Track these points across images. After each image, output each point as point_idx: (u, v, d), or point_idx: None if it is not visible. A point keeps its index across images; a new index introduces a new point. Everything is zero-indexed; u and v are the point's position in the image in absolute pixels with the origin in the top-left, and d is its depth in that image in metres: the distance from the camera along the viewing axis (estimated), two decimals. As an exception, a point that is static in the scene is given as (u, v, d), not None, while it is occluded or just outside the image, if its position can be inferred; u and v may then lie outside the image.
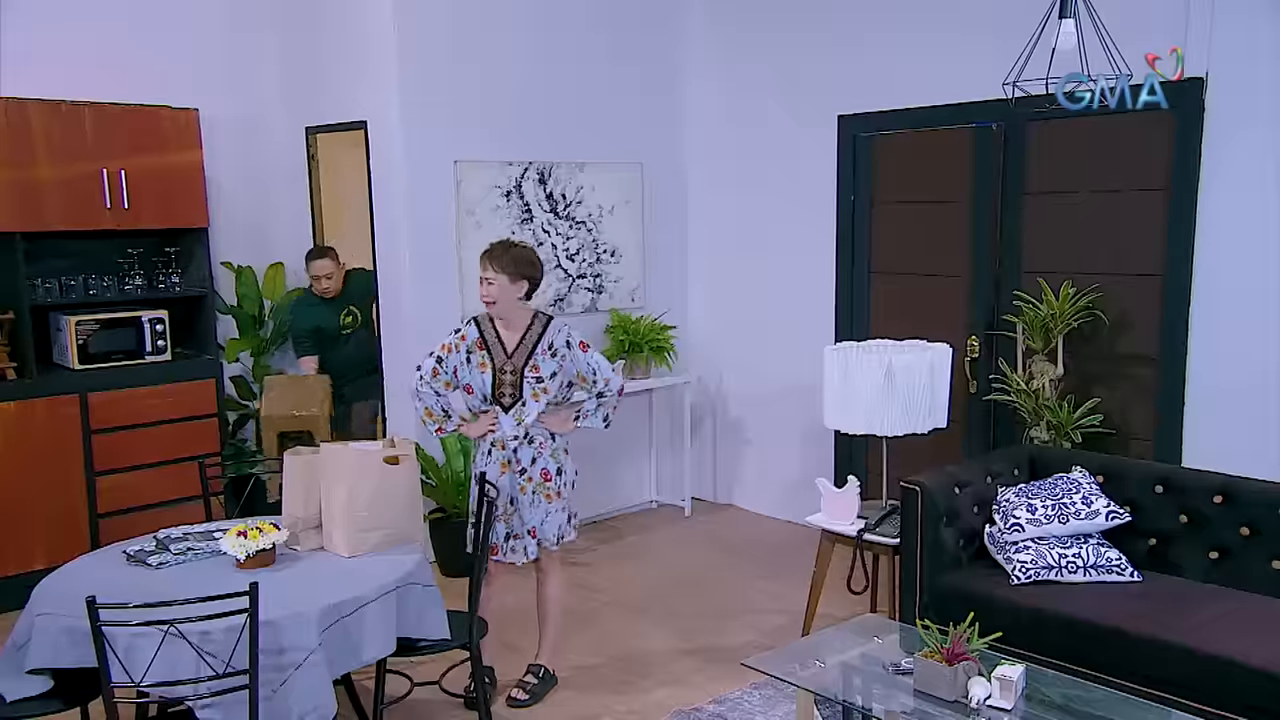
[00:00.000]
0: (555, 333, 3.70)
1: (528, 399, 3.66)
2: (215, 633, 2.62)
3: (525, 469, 3.71)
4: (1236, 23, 4.03)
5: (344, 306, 5.46)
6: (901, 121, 5.24)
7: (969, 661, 2.74)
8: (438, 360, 3.71)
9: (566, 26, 5.64)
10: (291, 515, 3.27)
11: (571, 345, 3.72)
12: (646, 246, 6.16)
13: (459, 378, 3.71)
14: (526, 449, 3.71)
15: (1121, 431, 4.58)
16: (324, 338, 5.43)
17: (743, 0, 5.92)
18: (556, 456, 3.77)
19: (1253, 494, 3.58)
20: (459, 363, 3.70)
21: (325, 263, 5.37)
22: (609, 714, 3.80)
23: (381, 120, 5.17)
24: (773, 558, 5.41)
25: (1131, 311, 4.52)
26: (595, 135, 5.82)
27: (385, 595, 2.98)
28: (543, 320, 3.72)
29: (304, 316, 5.46)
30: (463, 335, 3.72)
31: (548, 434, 3.74)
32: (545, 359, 3.67)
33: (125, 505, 4.95)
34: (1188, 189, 4.28)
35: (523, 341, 3.67)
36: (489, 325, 3.71)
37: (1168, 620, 3.27)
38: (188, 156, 5.12)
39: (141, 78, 5.22)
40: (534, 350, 3.67)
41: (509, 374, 3.66)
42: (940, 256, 5.18)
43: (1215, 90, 4.13)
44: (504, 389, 3.67)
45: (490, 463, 3.73)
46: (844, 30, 5.43)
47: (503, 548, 3.76)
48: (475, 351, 3.68)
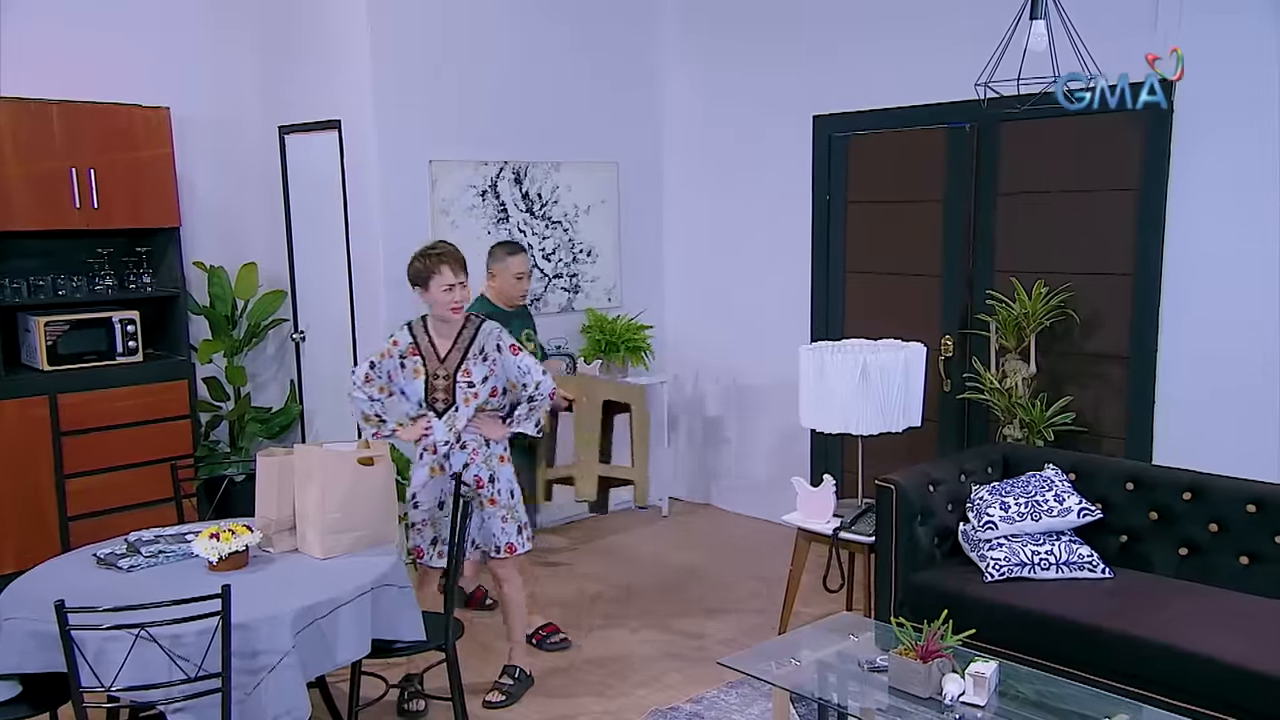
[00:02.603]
0: (486, 336, 3.67)
1: (459, 403, 3.63)
2: (187, 636, 2.59)
3: (458, 474, 3.67)
4: (1204, 24, 4.08)
5: (522, 328, 4.47)
6: (876, 122, 5.27)
7: (943, 658, 2.76)
8: (371, 365, 3.68)
9: (542, 26, 5.63)
10: (265, 517, 3.25)
11: (502, 349, 3.68)
12: (623, 246, 6.16)
13: (394, 383, 3.68)
14: (459, 454, 3.68)
15: (1093, 429, 4.62)
16: None
17: (717, 1, 5.93)
18: (490, 463, 3.73)
19: (1221, 491, 3.62)
20: (393, 368, 3.66)
21: (528, 258, 4.47)
22: (586, 714, 3.79)
23: (355, 119, 5.15)
24: (749, 557, 5.42)
25: (1102, 310, 4.57)
26: (571, 135, 5.82)
27: (360, 597, 2.96)
28: (474, 324, 3.68)
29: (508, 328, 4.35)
30: (395, 341, 3.68)
31: (481, 440, 3.71)
32: (476, 363, 3.64)
33: (96, 508, 4.90)
34: (1157, 189, 4.33)
35: (455, 346, 3.64)
36: (422, 331, 3.67)
37: (1140, 617, 3.30)
38: (159, 155, 5.07)
39: (112, 76, 5.16)
40: (466, 355, 3.64)
41: (442, 379, 3.62)
42: (915, 256, 5.21)
43: (1184, 91, 4.18)
44: (437, 394, 3.64)
45: (419, 467, 3.69)
46: (819, 31, 5.45)
47: (428, 552, 3.73)
48: (409, 357, 3.65)
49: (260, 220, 5.82)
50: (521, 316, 4.49)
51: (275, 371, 6.03)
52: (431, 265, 3.56)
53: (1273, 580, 3.47)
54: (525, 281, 4.39)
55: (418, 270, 3.59)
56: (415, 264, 3.61)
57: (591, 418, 4.26)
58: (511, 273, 4.35)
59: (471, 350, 3.65)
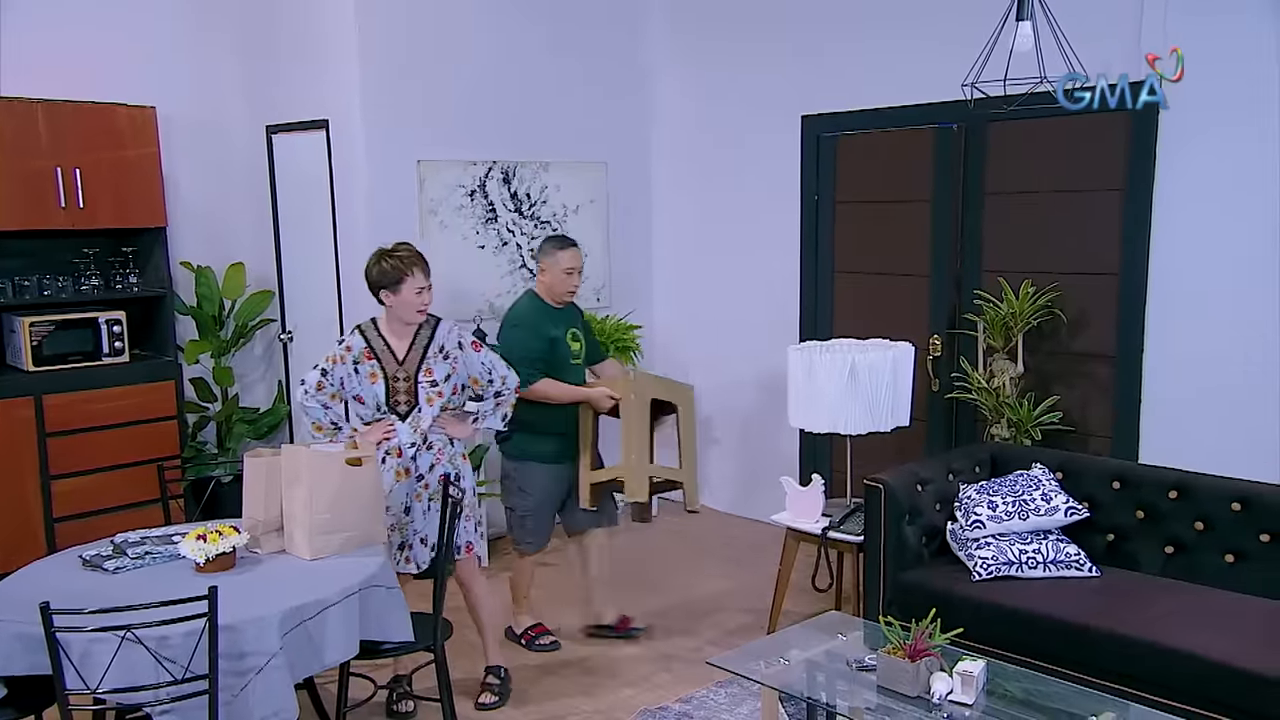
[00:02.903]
0: (445, 334, 3.65)
1: (422, 404, 3.60)
2: (174, 637, 2.58)
3: (423, 475, 3.65)
4: (1190, 25, 4.10)
5: (569, 325, 4.22)
6: (864, 122, 5.28)
7: (931, 657, 2.77)
8: (322, 373, 3.59)
9: (530, 26, 5.62)
10: (252, 518, 3.24)
11: (463, 345, 3.67)
12: (612, 246, 6.16)
13: (346, 389, 3.59)
14: (425, 455, 3.65)
15: (1080, 429, 4.64)
16: (554, 364, 4.10)
17: (705, 1, 5.93)
18: (455, 462, 3.72)
19: (1206, 489, 3.65)
20: (346, 374, 3.58)
21: (579, 254, 4.20)
22: (575, 714, 3.79)
23: (343, 119, 5.13)
24: (738, 556, 5.43)
25: (1089, 310, 4.59)
26: (559, 135, 5.81)
27: (348, 598, 2.95)
28: (431, 323, 3.65)
29: (537, 326, 4.09)
30: (348, 346, 3.59)
31: (446, 439, 3.69)
32: (438, 362, 3.62)
33: (82, 509, 4.87)
34: (1143, 189, 4.35)
35: (413, 346, 3.61)
36: (375, 334, 3.61)
37: (1126, 615, 3.32)
38: (144, 155, 5.05)
39: (97, 75, 5.13)
40: (425, 354, 3.61)
41: (402, 381, 3.58)
42: (903, 256, 5.23)
43: (1169, 93, 4.19)
44: (398, 397, 3.59)
45: (385, 471, 3.61)
46: (807, 31, 5.46)
47: (396, 558, 3.65)
48: (364, 361, 3.58)
49: (247, 220, 5.79)
50: (569, 314, 4.24)
51: (263, 372, 6.00)
52: (404, 267, 3.52)
53: (1258, 578, 3.49)
54: (575, 278, 4.13)
55: (387, 272, 3.53)
56: (383, 265, 3.54)
57: (640, 417, 4.03)
58: (561, 268, 4.09)
59: (431, 349, 3.62)
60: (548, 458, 4.13)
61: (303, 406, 3.63)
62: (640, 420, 4.04)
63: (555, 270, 4.12)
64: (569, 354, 4.15)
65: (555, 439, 4.12)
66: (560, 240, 4.19)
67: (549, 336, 4.07)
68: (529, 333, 4.06)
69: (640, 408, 4.04)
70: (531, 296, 4.21)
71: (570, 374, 4.15)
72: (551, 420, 4.09)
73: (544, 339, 4.06)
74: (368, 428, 3.61)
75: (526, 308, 4.15)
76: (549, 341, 4.07)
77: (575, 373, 4.19)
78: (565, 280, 4.11)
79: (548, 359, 4.06)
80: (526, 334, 4.06)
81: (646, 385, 4.13)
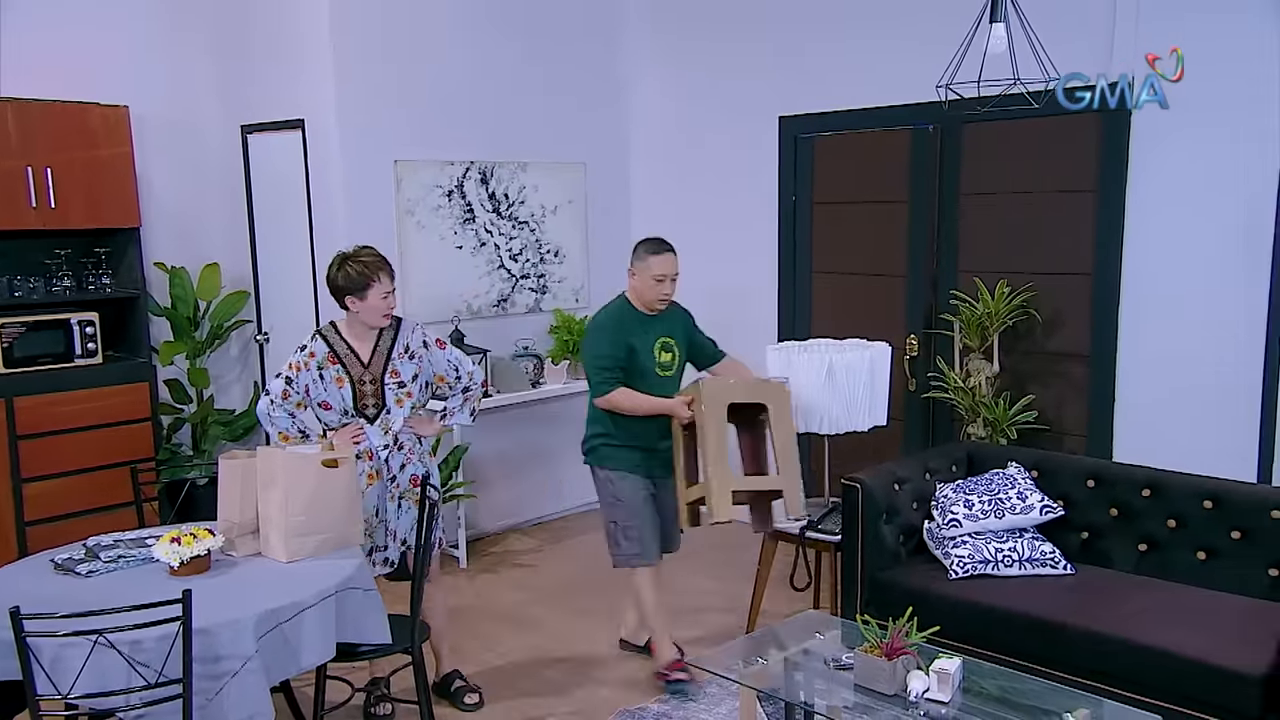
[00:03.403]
0: (409, 334, 3.62)
1: (391, 406, 3.58)
2: (147, 642, 2.55)
3: (395, 476, 3.63)
4: (1161, 27, 4.15)
5: (659, 334, 3.93)
6: (841, 123, 5.30)
7: (908, 655, 2.78)
8: (287, 381, 3.54)
9: (507, 26, 5.61)
10: (227, 520, 3.21)
11: (428, 344, 3.66)
12: (590, 247, 6.15)
13: (311, 395, 3.54)
14: (396, 456, 3.63)
15: (1055, 427, 4.68)
16: (630, 374, 3.86)
17: (684, 2, 5.94)
18: (424, 460, 3.71)
19: (1179, 487, 3.68)
20: (310, 380, 3.52)
21: (674, 260, 3.89)
22: (553, 715, 3.78)
23: (319, 119, 5.10)
24: (717, 556, 5.43)
25: (1064, 310, 4.63)
26: (537, 135, 5.81)
27: (324, 600, 2.93)
28: (393, 324, 3.61)
29: (616, 333, 3.85)
30: (311, 353, 3.53)
31: (415, 439, 3.68)
32: (403, 362, 3.59)
33: (54, 513, 4.81)
34: (1115, 190, 4.39)
35: (377, 348, 3.57)
36: (338, 338, 3.57)
37: (1100, 612, 3.35)
38: (117, 154, 4.99)
39: (69, 74, 5.06)
40: (390, 355, 3.58)
41: (369, 384, 3.55)
42: (880, 256, 5.25)
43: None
44: (366, 400, 3.56)
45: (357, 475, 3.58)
46: (785, 32, 5.48)
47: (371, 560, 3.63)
48: (328, 366, 3.52)
49: (222, 220, 5.74)
50: (664, 322, 3.91)
51: (239, 373, 5.96)
52: (370, 273, 3.47)
53: (1229, 575, 3.53)
54: (666, 285, 3.83)
55: (353, 278, 3.47)
56: (348, 270, 3.47)
57: (715, 427, 3.70)
58: (651, 274, 3.81)
59: (396, 350, 3.59)
60: (627, 466, 3.90)
61: (268, 416, 3.56)
62: (715, 430, 3.70)
63: (645, 276, 3.83)
64: (652, 365, 3.86)
65: (636, 451, 3.89)
66: (653, 244, 3.86)
67: (627, 344, 3.81)
68: (605, 339, 3.83)
69: (714, 417, 3.70)
70: (621, 301, 3.93)
71: (652, 386, 3.85)
72: (631, 431, 3.86)
73: (621, 346, 3.81)
74: (339, 431, 3.57)
75: (610, 313, 3.91)
76: (627, 349, 3.81)
77: (661, 386, 3.88)
78: (654, 288, 3.82)
79: (625, 367, 3.81)
80: (602, 340, 3.84)
81: (720, 391, 3.76)
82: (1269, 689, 2.95)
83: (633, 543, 3.87)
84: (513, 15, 5.63)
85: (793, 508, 3.79)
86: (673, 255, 3.85)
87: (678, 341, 3.96)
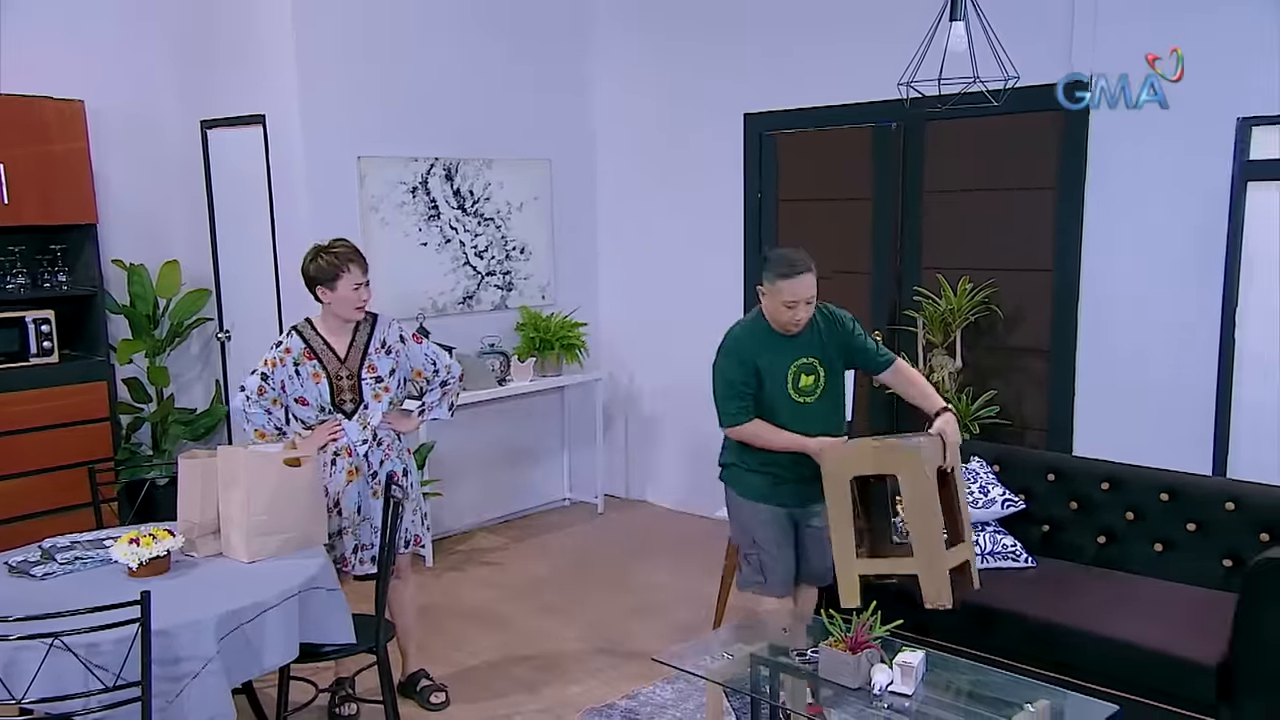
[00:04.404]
0: (386, 329, 3.61)
1: (369, 401, 3.56)
2: (105, 644, 2.51)
3: (376, 472, 3.61)
4: (1118, 27, 4.21)
5: (798, 355, 3.42)
6: (806, 120, 5.33)
7: (872, 649, 2.80)
8: (263, 377, 3.49)
9: (472, 21, 5.58)
10: (187, 520, 3.17)
11: (405, 339, 3.65)
12: (556, 243, 6.14)
13: (287, 392, 3.52)
14: (375, 452, 3.61)
15: (1016, 422, 4.74)
16: (765, 397, 3.40)
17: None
18: (402, 457, 3.69)
19: (1137, 480, 3.74)
20: (286, 377, 3.49)
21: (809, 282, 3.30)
22: (520, 713, 3.77)
23: (280, 114, 5.04)
24: (684, 552, 5.45)
25: (1025, 306, 4.69)
26: (502, 131, 5.78)
27: (287, 600, 2.90)
28: (369, 319, 3.60)
29: (742, 353, 3.40)
30: (287, 348, 3.50)
31: (393, 435, 3.66)
32: (380, 357, 3.58)
33: (9, 514, 4.71)
34: (1075, 188, 4.45)
35: (353, 343, 3.55)
36: (314, 333, 3.55)
37: (1061, 604, 3.39)
38: (73, 149, 4.90)
39: (22, 67, 4.97)
40: (367, 350, 3.57)
41: (346, 379, 3.53)
42: (844, 253, 5.29)
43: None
44: (343, 395, 3.53)
45: (335, 473, 3.55)
46: (750, 29, 5.49)
47: (351, 560, 3.59)
48: (304, 362, 3.50)
49: (182, 217, 5.66)
50: (806, 340, 3.39)
51: (200, 372, 5.88)
52: (339, 263, 3.46)
53: (1185, 566, 3.59)
54: (798, 310, 3.29)
55: (323, 268, 3.46)
56: (319, 262, 3.47)
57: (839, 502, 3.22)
58: (781, 299, 3.28)
59: (372, 345, 3.57)
60: (755, 495, 3.49)
61: (244, 413, 3.53)
62: (838, 505, 3.22)
63: (774, 300, 3.31)
64: (785, 391, 3.37)
65: (767, 478, 3.46)
66: (783, 264, 3.29)
67: (754, 367, 3.35)
68: (731, 363, 3.40)
69: (837, 490, 3.22)
70: (755, 316, 3.46)
71: (788, 415, 3.37)
72: (763, 458, 3.44)
73: (747, 370, 3.35)
74: (316, 428, 3.55)
75: (739, 331, 3.47)
76: (754, 372, 3.36)
77: (799, 415, 3.38)
78: (785, 313, 3.31)
79: (754, 393, 3.37)
80: (728, 365, 3.41)
81: (839, 465, 3.23)
82: (1222, 678, 3.01)
83: (754, 570, 3.53)
84: (478, 11, 5.60)
85: (930, 597, 3.14)
86: (807, 276, 3.27)
87: (823, 362, 3.42)
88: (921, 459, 3.15)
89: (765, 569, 3.50)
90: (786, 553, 3.50)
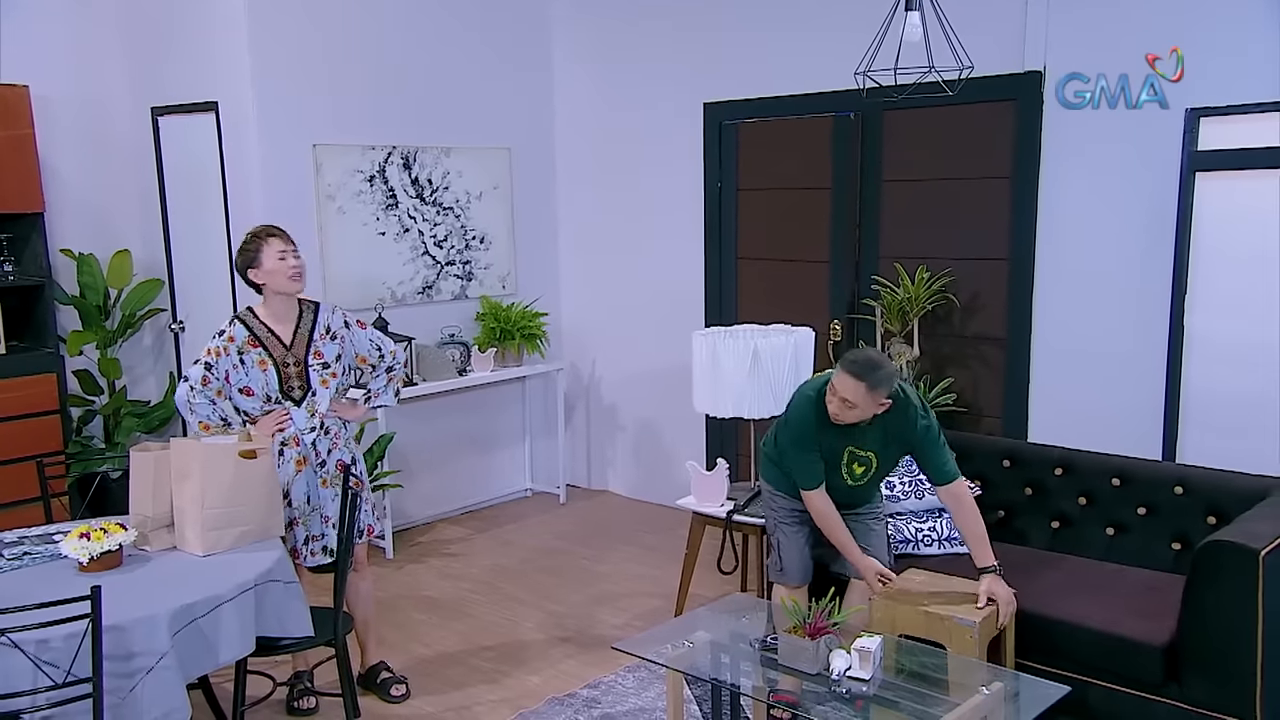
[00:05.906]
0: (329, 315, 3.59)
1: (317, 387, 3.53)
2: (54, 640, 2.47)
3: (324, 461, 3.58)
4: (1070, 17, 4.26)
5: (848, 444, 3.40)
6: (765, 109, 5.34)
7: (830, 635, 2.83)
8: (206, 367, 3.43)
9: (430, 7, 5.52)
10: (140, 514, 3.12)
11: (350, 325, 3.63)
12: (516, 233, 6.10)
13: (232, 382, 3.47)
14: (323, 440, 3.57)
15: (973, 409, 4.80)
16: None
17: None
18: (350, 446, 3.67)
19: (1089, 465, 3.81)
20: (230, 366, 3.44)
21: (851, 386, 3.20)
22: (481, 703, 3.77)
23: (234, 101, 4.96)
24: (646, 541, 5.46)
25: (981, 294, 4.74)
26: (461, 119, 5.73)
27: (243, 594, 2.87)
28: (311, 306, 3.58)
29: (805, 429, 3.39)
30: (230, 337, 3.45)
31: (341, 423, 3.63)
32: (326, 343, 3.55)
33: (-44, 510, 4.62)
34: (1029, 177, 4.50)
35: (298, 330, 3.52)
36: (256, 321, 3.51)
37: (1016, 588, 3.44)
38: (17, 136, 4.80)
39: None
40: (312, 336, 3.54)
41: (293, 366, 3.50)
42: (804, 243, 5.31)
43: (1052, 81, 4.35)
44: (291, 382, 3.50)
45: (284, 463, 3.50)
46: (709, 18, 5.49)
47: (302, 551, 3.55)
48: (249, 350, 3.45)
49: (133, 206, 5.56)
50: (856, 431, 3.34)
51: (153, 363, 5.78)
52: (260, 239, 3.45)
53: (1136, 549, 3.67)
54: (834, 404, 3.25)
55: (245, 251, 3.45)
56: (242, 250, 3.48)
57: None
58: (837, 396, 3.24)
59: (317, 331, 3.54)
60: (784, 487, 3.60)
61: (188, 404, 3.45)
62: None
63: (832, 398, 3.28)
64: (836, 470, 3.42)
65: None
66: (847, 360, 3.24)
67: (816, 440, 3.38)
68: (801, 433, 3.41)
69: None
70: (817, 397, 3.36)
71: (841, 493, 3.45)
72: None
73: (812, 443, 3.39)
74: (263, 418, 3.50)
75: (802, 405, 3.41)
76: (816, 445, 3.39)
77: (850, 494, 3.48)
78: (837, 405, 3.26)
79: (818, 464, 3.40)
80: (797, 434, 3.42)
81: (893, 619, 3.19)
82: (1170, 657, 3.08)
83: (775, 559, 3.65)
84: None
85: None
86: (851, 381, 3.17)
87: (877, 453, 3.41)
88: (976, 641, 3.06)
89: (783, 558, 3.61)
90: (799, 543, 3.60)
